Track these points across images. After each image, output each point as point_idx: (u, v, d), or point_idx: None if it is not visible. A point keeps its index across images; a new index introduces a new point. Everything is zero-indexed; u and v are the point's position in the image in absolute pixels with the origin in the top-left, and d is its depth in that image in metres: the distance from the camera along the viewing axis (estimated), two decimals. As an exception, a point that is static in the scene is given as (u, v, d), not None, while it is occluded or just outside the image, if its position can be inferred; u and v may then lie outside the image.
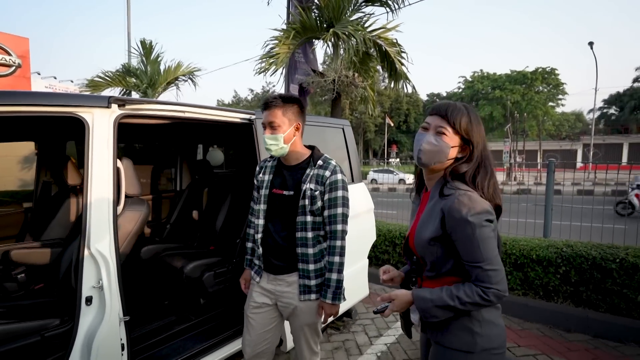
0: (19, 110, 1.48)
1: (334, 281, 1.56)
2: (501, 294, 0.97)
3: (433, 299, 1.01)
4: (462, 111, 1.07)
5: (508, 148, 23.75)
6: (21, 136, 2.86)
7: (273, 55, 3.75)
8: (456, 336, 1.04)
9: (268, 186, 1.65)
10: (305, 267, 1.57)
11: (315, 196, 1.54)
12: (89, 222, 1.54)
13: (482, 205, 0.99)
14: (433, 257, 1.07)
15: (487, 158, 1.07)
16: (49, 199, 2.87)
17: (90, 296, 1.53)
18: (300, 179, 1.58)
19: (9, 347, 1.55)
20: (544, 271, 3.11)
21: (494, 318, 1.05)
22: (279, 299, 1.63)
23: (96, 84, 7.52)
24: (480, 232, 0.96)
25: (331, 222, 1.57)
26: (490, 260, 0.97)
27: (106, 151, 1.63)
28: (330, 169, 1.57)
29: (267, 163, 1.72)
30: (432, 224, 1.05)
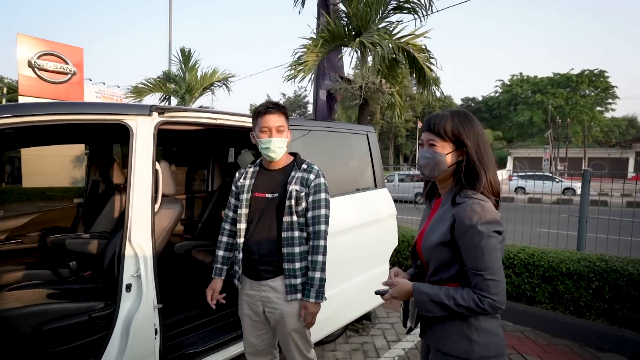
0: (76, 119, 1.70)
1: (317, 280, 1.59)
2: (497, 305, 0.99)
3: (430, 294, 1.05)
4: (445, 118, 1.11)
5: (548, 155, 22.45)
6: (75, 139, 3.20)
7: (301, 63, 3.90)
8: (455, 343, 1.06)
9: (250, 190, 1.68)
10: (292, 266, 1.60)
11: (301, 197, 1.60)
12: (130, 217, 1.73)
13: (494, 215, 1.01)
14: (437, 262, 1.10)
15: (484, 154, 1.08)
16: (97, 196, 3.19)
17: (130, 284, 1.71)
18: (284, 181, 1.64)
19: (65, 323, 1.78)
20: (575, 285, 2.97)
21: (492, 327, 1.06)
22: (265, 304, 1.64)
23: (139, 90, 8.09)
24: (487, 242, 0.98)
25: (315, 222, 1.62)
26: (493, 270, 0.98)
27: (147, 154, 1.82)
28: (314, 173, 1.65)
29: (247, 169, 1.77)
30: (441, 229, 1.07)
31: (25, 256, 2.83)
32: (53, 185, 9.34)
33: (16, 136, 2.48)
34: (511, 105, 38.67)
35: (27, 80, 9.91)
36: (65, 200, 7.06)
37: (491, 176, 1.07)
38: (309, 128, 2.53)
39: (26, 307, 1.81)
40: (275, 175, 1.68)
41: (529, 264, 3.22)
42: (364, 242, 2.73)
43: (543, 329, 3.05)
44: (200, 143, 4.10)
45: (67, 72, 10.49)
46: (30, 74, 9.92)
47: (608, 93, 33.89)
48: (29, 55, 9.84)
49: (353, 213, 2.71)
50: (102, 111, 1.80)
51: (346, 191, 2.72)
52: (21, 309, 1.80)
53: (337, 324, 2.57)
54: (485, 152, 1.08)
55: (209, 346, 2.09)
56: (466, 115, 1.13)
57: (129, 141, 1.80)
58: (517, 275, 3.29)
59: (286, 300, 1.61)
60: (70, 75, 10.57)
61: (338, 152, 2.82)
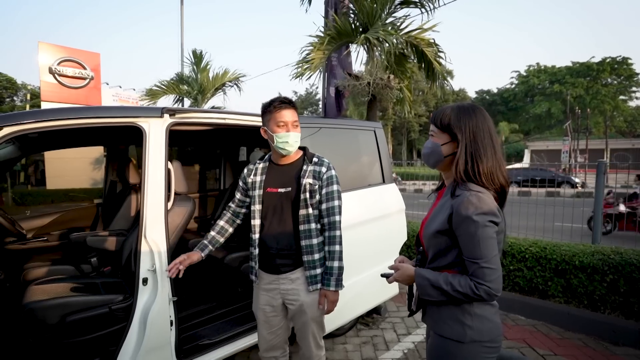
0: (93, 122, 1.81)
1: (336, 269, 1.64)
2: (492, 292, 1.03)
3: (430, 279, 1.10)
4: (445, 110, 1.16)
5: (568, 147, 21.76)
6: (93, 142, 3.35)
7: (308, 61, 3.94)
8: (449, 326, 1.12)
9: (261, 186, 1.70)
10: (311, 257, 1.63)
11: (315, 190, 1.63)
12: (145, 215, 1.82)
13: (489, 206, 1.04)
14: (436, 250, 1.15)
15: (480, 146, 1.10)
16: (115, 196, 3.33)
17: (146, 278, 1.81)
18: (297, 175, 1.66)
19: (87, 314, 1.90)
20: (589, 279, 2.92)
21: (487, 314, 1.10)
22: (285, 296, 1.68)
23: (154, 93, 8.31)
24: (482, 231, 1.02)
25: (329, 214, 1.65)
26: (488, 258, 1.02)
27: (159, 154, 1.91)
28: (325, 166, 1.68)
29: (257, 165, 1.77)
30: (439, 219, 1.12)
31: (50, 253, 3.00)
32: (75, 186, 9.72)
33: (39, 140, 2.62)
34: (528, 97, 37.58)
35: (49, 86, 10.32)
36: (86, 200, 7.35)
37: (488, 169, 1.09)
38: (319, 126, 2.58)
39: (52, 300, 1.93)
40: (287, 170, 1.69)
41: (540, 257, 3.18)
42: (373, 236, 2.77)
43: (556, 322, 3.01)
44: (212, 143, 4.20)
45: (85, 77, 10.87)
46: (51, 80, 10.33)
47: (632, 81, 32.47)
48: (49, 62, 10.24)
49: (362, 208, 2.75)
50: (117, 114, 1.90)
51: (355, 187, 2.76)
52: (48, 300, 1.92)
53: (347, 317, 2.62)
54: (482, 145, 1.10)
55: (222, 337, 2.17)
56: (468, 108, 1.15)
57: (142, 142, 1.89)
58: (529, 269, 3.26)
59: (308, 291, 1.65)
60: (89, 80, 10.95)
61: (346, 148, 2.86)
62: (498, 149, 1.13)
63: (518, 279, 3.31)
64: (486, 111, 1.18)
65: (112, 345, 1.84)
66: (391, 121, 38.97)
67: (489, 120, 1.15)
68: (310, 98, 45.04)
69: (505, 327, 3.00)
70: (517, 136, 37.92)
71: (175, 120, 1.98)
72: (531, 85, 36.41)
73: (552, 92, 33.77)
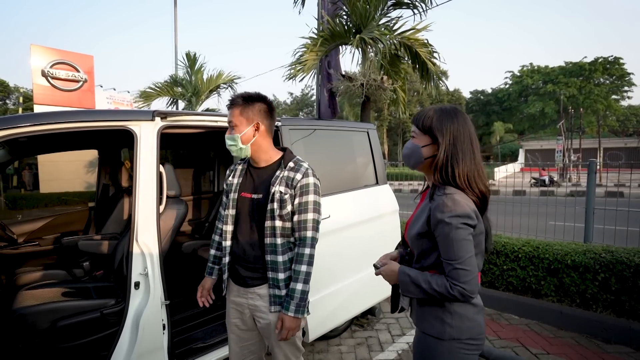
0: (84, 126, 1.80)
1: (299, 292, 1.42)
2: (466, 293, 1.04)
3: (411, 276, 1.13)
4: (428, 112, 1.17)
5: (561, 146, 21.96)
6: (85, 145, 3.33)
7: (301, 62, 3.95)
8: (430, 323, 1.15)
9: (237, 189, 1.56)
10: (275, 275, 1.45)
11: (285, 200, 1.44)
12: (137, 218, 1.82)
13: (464, 208, 1.05)
14: (419, 250, 1.18)
15: (460, 150, 1.11)
16: (108, 199, 3.31)
17: (138, 282, 1.80)
18: (269, 181, 1.48)
19: (78, 319, 1.88)
20: (581, 277, 2.95)
21: (467, 313, 1.12)
22: (253, 312, 1.53)
23: (148, 95, 8.27)
24: (455, 233, 1.04)
25: (300, 228, 1.46)
26: (463, 260, 1.04)
27: (151, 158, 1.90)
28: (301, 172, 1.47)
29: (237, 166, 1.64)
30: (420, 221, 1.15)
31: (42, 257, 2.97)
32: (68, 190, 9.64)
33: (30, 144, 2.60)
34: (522, 97, 37.89)
35: (42, 89, 10.24)
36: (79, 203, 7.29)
37: (465, 173, 1.10)
38: (313, 127, 2.58)
39: (43, 305, 1.92)
40: (261, 174, 1.53)
41: (533, 256, 3.20)
42: (367, 237, 2.77)
43: (549, 321, 3.04)
44: (206, 145, 4.19)
45: (78, 80, 10.80)
46: (44, 83, 10.25)
47: (624, 81, 32.85)
48: (42, 64, 10.16)
49: (355, 209, 2.76)
50: (108, 118, 1.89)
51: (348, 188, 2.77)
52: (38, 306, 1.91)
53: (341, 318, 2.62)
54: (460, 149, 1.11)
55: (215, 341, 2.17)
56: (450, 111, 1.15)
57: (134, 145, 1.88)
58: (522, 269, 3.28)
59: (270, 312, 1.48)
60: (82, 83, 10.87)
61: (339, 150, 2.86)
62: (477, 155, 1.14)
63: (511, 278, 3.34)
64: (476, 113, 1.18)
65: (104, 350, 1.82)
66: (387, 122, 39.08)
67: (470, 125, 1.16)
68: (306, 99, 45.08)
69: (498, 327, 3.01)
70: (511, 136, 38.19)
71: (167, 124, 1.98)
72: (525, 85, 36.73)
73: (545, 92, 34.10)
